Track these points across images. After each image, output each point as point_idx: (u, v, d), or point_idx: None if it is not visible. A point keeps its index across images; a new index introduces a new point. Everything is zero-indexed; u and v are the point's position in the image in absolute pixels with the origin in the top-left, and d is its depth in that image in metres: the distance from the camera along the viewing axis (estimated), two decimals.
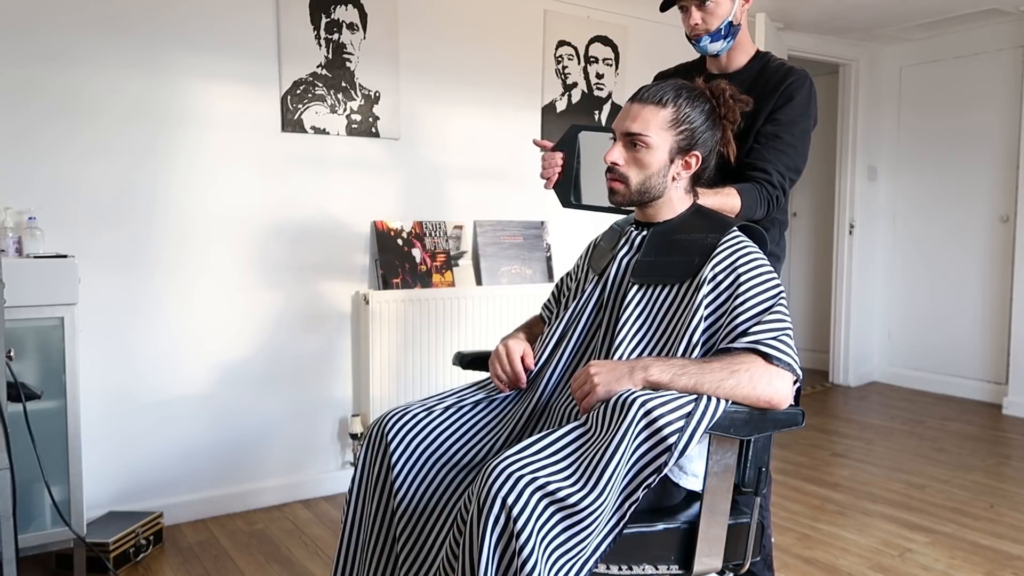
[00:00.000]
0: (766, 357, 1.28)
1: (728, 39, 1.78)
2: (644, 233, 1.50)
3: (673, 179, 1.46)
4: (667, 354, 1.35)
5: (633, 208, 1.53)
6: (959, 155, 4.50)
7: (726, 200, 1.63)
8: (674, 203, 1.49)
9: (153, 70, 2.55)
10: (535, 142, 1.88)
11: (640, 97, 1.46)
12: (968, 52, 4.42)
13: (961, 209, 4.51)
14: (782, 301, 1.34)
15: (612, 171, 1.47)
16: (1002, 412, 4.16)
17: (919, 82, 4.70)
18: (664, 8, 1.81)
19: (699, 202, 1.55)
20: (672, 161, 1.45)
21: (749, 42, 1.85)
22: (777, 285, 1.36)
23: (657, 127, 1.42)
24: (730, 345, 1.31)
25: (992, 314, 4.37)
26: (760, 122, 1.75)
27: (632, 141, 1.44)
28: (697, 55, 1.93)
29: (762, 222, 1.72)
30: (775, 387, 1.27)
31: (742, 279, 1.35)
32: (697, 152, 1.46)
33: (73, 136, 2.44)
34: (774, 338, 1.29)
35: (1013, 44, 4.21)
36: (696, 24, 1.75)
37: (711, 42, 1.77)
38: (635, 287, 1.44)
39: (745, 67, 1.83)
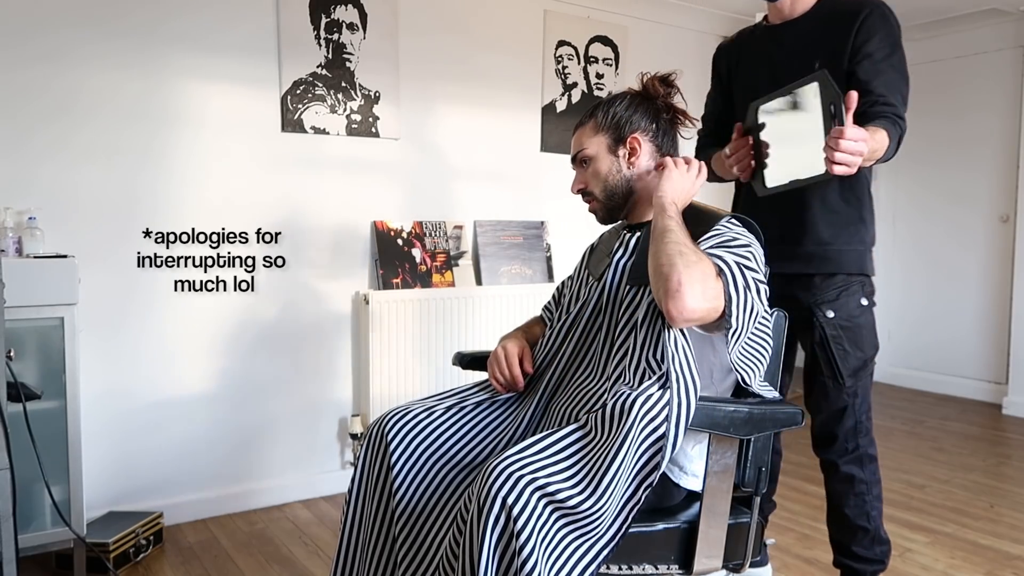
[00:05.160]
0: (720, 273, 1.25)
1: None
2: (637, 234, 1.51)
3: (629, 168, 1.51)
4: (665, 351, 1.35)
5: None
6: (959, 155, 4.49)
7: (876, 139, 1.53)
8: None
9: (153, 70, 2.55)
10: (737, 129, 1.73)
11: (575, 125, 1.59)
12: (968, 52, 4.41)
13: (961, 209, 4.51)
14: (747, 255, 1.31)
15: (583, 195, 1.58)
16: (1002, 412, 4.16)
17: (919, 82, 4.62)
18: None
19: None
20: (615, 155, 1.51)
21: None
22: (747, 246, 1.33)
23: (589, 138, 1.54)
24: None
25: (992, 314, 4.37)
26: (846, 60, 1.68)
27: (580, 161, 1.56)
28: (756, 19, 1.92)
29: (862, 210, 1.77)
30: (694, 290, 1.21)
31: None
32: (635, 135, 1.50)
33: (73, 136, 2.43)
34: (739, 266, 1.27)
35: (1013, 44, 4.21)
36: None
37: None
38: (632, 289, 1.44)
39: (812, 10, 1.78)
